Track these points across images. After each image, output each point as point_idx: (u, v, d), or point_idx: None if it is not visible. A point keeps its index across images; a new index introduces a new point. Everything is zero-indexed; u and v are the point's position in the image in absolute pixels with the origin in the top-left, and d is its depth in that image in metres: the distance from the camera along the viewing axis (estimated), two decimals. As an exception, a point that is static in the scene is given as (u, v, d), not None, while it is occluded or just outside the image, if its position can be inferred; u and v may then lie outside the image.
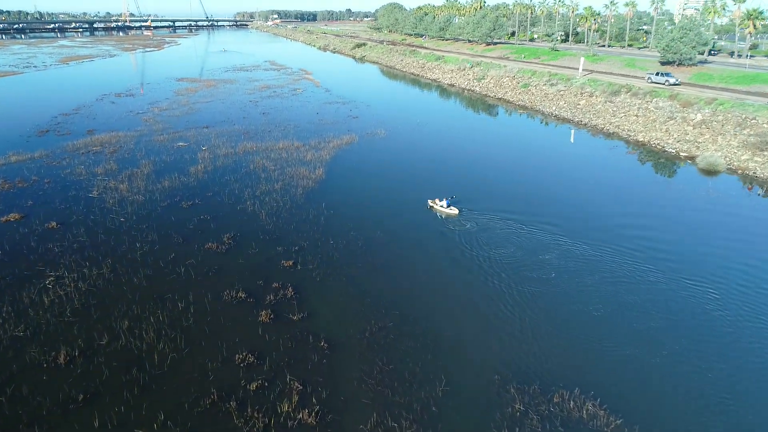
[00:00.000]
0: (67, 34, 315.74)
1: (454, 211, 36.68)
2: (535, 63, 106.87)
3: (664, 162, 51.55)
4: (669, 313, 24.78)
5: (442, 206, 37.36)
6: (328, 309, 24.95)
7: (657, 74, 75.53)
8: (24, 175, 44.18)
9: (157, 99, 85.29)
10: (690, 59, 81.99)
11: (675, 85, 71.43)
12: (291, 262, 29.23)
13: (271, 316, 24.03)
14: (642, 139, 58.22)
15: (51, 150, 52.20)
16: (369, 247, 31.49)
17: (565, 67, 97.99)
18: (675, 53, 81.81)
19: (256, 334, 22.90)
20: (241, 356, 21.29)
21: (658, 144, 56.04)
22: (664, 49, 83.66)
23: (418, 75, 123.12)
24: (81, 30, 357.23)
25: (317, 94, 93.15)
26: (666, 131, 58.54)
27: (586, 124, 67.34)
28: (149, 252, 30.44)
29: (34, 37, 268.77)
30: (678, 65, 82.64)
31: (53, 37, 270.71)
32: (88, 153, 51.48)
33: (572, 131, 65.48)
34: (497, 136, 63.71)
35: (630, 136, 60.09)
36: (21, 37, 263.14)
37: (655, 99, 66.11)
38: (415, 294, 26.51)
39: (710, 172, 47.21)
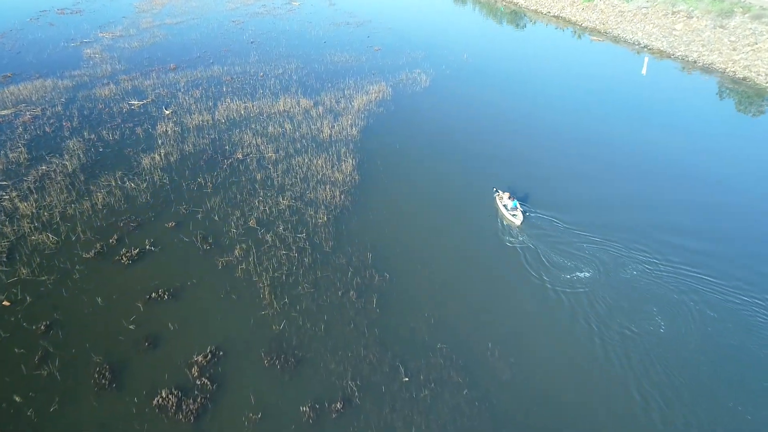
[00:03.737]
0: None
1: (517, 220, 24.48)
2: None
3: None
4: None
5: (505, 207, 25.14)
6: None
7: None
8: None
9: (111, 18, 64.39)
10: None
11: None
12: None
13: None
14: (795, 92, 40.85)
15: (-64, 118, 34.50)
16: (493, 415, 15.77)
17: (632, -29, 76.71)
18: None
19: None
20: None
21: (826, 102, 38.88)
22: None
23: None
24: None
25: (319, 8, 72.15)
26: (831, 80, 41.03)
27: (695, 62, 49.01)
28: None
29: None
30: (791, -29, 62.52)
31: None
32: (-9, 124, 33.91)
33: (674, 71, 47.44)
34: (575, 79, 45.33)
35: (773, 84, 42.50)
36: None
37: (794, 25, 47.67)
38: None
39: None
